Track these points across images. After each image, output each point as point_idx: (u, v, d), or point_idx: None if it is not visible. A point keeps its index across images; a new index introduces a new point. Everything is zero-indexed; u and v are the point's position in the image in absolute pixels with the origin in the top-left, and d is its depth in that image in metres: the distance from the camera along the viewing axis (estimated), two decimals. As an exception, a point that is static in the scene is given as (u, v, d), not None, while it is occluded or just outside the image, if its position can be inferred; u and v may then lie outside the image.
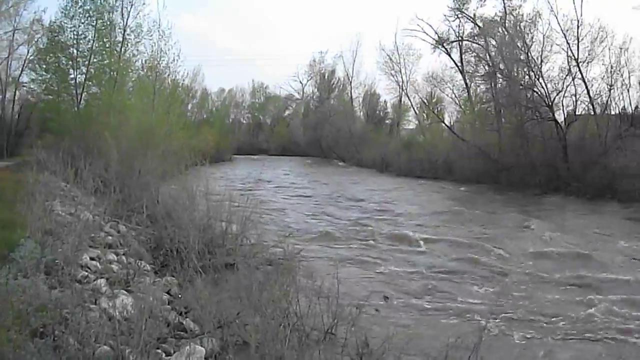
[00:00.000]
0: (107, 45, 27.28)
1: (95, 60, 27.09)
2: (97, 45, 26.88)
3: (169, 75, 31.63)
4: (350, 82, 63.90)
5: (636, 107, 29.81)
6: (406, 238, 16.35)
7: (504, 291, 11.12)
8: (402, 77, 52.32)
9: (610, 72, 30.37)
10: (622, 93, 30.33)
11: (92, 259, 9.16)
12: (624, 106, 30.37)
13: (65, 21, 26.94)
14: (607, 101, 30.74)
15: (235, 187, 15.28)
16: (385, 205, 24.32)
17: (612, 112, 30.73)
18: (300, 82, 71.60)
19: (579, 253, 14.66)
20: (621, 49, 29.91)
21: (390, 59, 52.44)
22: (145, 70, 30.28)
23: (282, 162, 52.64)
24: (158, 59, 29.78)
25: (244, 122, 76.38)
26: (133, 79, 29.41)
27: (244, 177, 25.87)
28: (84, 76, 27.02)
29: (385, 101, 63.60)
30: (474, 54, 40.19)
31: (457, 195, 29.08)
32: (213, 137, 47.24)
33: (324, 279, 8.09)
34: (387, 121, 62.58)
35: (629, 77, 29.87)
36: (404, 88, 52.63)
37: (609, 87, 30.59)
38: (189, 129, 34.02)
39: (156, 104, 27.91)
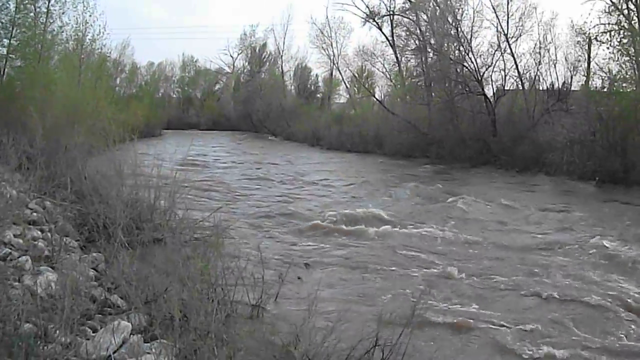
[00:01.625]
0: (30, 17, 25.49)
1: (18, 32, 25.30)
2: (19, 17, 25.06)
3: (95, 48, 30.08)
4: (281, 56, 62.95)
5: (563, 83, 29.98)
6: (333, 209, 16.12)
7: (430, 259, 11.27)
8: (333, 51, 51.90)
9: (538, 47, 30.53)
10: (549, 68, 30.56)
11: (15, 236, 8.48)
12: (552, 82, 30.61)
13: (-17, -8, 25.02)
14: (535, 76, 30.88)
15: (164, 162, 14.68)
16: (314, 178, 23.94)
17: (541, 88, 30.87)
18: (231, 56, 69.87)
19: (499, 220, 15.23)
20: (548, 25, 30.03)
21: (322, 33, 51.84)
22: (70, 43, 28.66)
23: (213, 136, 51.47)
24: (83, 32, 28.23)
25: (174, 96, 73.76)
26: (59, 52, 27.77)
27: (173, 152, 25.08)
28: (6, 49, 25.21)
29: (316, 75, 62.72)
30: (405, 28, 39.51)
31: (386, 169, 28.67)
32: (142, 112, 45.22)
33: (251, 252, 8.27)
34: (318, 95, 61.60)
35: (556, 53, 30.08)
36: (335, 62, 52.25)
37: (537, 62, 30.76)
38: (117, 103, 32.76)
39: (83, 78, 26.69)
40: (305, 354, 5.58)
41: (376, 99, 43.02)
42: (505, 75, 32.11)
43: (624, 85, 25.03)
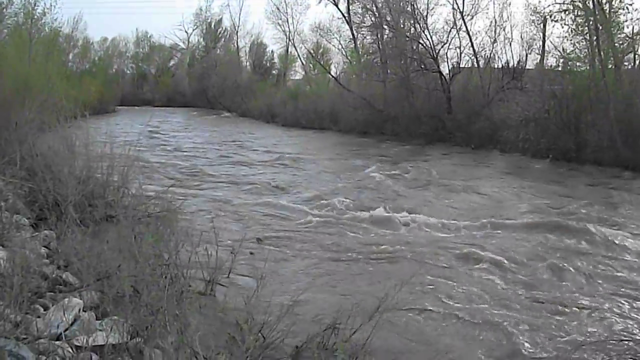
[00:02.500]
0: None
1: (-36, 6, 24.14)
2: (-35, -10, 23.89)
3: (46, 22, 28.98)
4: (237, 32, 61.91)
5: (518, 61, 29.93)
6: (287, 185, 16.45)
7: (388, 238, 11.11)
8: (289, 28, 51.00)
9: (494, 25, 30.41)
10: (504, 47, 30.53)
11: (-37, 214, 8.03)
12: (507, 60, 30.56)
13: None
14: (490, 54, 30.84)
15: (117, 138, 14.46)
16: (268, 154, 23.62)
17: (496, 66, 30.83)
18: (186, 32, 68.20)
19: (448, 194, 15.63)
20: (504, 3, 29.91)
21: (278, 9, 50.79)
22: (20, 17, 27.51)
23: (167, 113, 50.23)
24: (33, 5, 27.07)
25: (128, 72, 72.02)
26: (7, 26, 26.61)
27: (127, 129, 24.67)
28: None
29: (272, 51, 61.95)
30: (361, 4, 38.78)
31: (340, 145, 28.61)
32: (96, 88, 44.46)
33: (205, 228, 8.11)
34: (273, 71, 60.74)
35: (511, 32, 30.02)
36: (291, 38, 51.39)
37: (492, 40, 30.66)
38: (70, 79, 31.82)
39: (34, 53, 25.71)
40: (260, 332, 5.44)
41: (332, 75, 42.67)
42: (461, 53, 32.03)
43: (577, 64, 25.02)
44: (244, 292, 6.61)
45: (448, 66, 32.46)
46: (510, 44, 30.32)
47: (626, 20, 24.16)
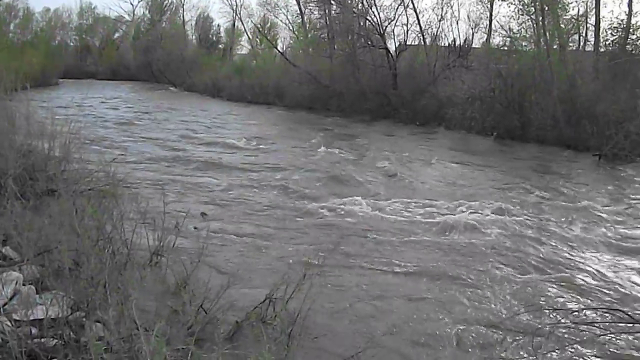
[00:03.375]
0: None
1: None
2: None
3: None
4: (183, 5, 60.58)
5: (465, 40, 29.80)
6: (231, 161, 16.04)
7: (333, 212, 11.01)
8: (236, 1, 50.09)
9: (441, 3, 30.24)
10: (451, 25, 30.36)
11: None
12: (454, 38, 30.56)
13: None
14: (437, 32, 30.65)
15: (59, 111, 14.57)
16: (212, 130, 23.00)
17: (442, 44, 30.88)
18: (131, 4, 66.03)
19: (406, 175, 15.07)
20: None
21: (225, -18, 49.69)
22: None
23: (112, 86, 48.49)
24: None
25: (72, 44, 69.22)
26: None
27: (69, 101, 23.74)
28: None
29: (218, 25, 60.59)
30: (309, -21, 38.08)
31: (284, 120, 28.25)
32: (38, 60, 42.06)
33: (148, 202, 7.89)
34: (220, 46, 59.40)
35: (459, 10, 29.84)
36: (237, 12, 50.60)
37: (439, 18, 30.46)
38: (10, 50, 30.21)
39: None
40: (201, 306, 5.41)
41: (278, 50, 41.89)
42: (408, 30, 31.94)
43: (523, 44, 25.05)
44: (186, 265, 6.43)
45: (395, 43, 32.38)
46: (457, 23, 30.21)
47: (572, 2, 24.45)
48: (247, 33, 50.10)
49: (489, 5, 28.95)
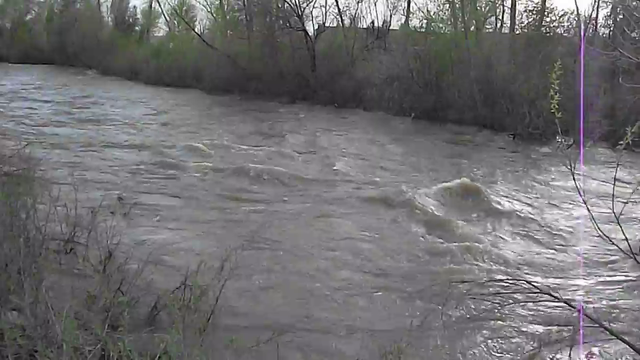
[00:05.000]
0: None
1: None
2: None
3: None
4: (98, -15, 57.35)
5: (383, 22, 29.47)
6: (147, 143, 15.44)
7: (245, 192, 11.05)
8: (152, -18, 48.12)
9: None
10: (369, 7, 30.19)
11: None
12: (372, 20, 30.61)
13: None
14: (355, 14, 30.27)
15: None
16: (128, 113, 22.03)
17: (361, 26, 30.90)
18: (43, -16, 62.95)
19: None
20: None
21: (140, -39, 47.85)
22: None
23: (24, 70, 45.90)
24: None
25: (-20, 26, 65.89)
26: None
27: None
28: None
29: (134, 7, 57.70)
30: (227, -40, 36.85)
31: (201, 103, 27.57)
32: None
33: (63, 188, 7.56)
34: (137, 28, 56.99)
35: None
36: (155, -7, 48.48)
37: (357, 0, 30.45)
38: None
39: None
40: (119, 289, 5.28)
41: (196, 32, 40.37)
42: (326, 12, 31.58)
43: (440, 26, 25.14)
44: (103, 250, 6.25)
45: (313, 25, 31.81)
46: (375, 4, 29.83)
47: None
48: (164, 15, 48.28)
49: (407, -12, 28.68)
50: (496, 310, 5.88)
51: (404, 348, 3.98)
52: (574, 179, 3.85)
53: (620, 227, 3.84)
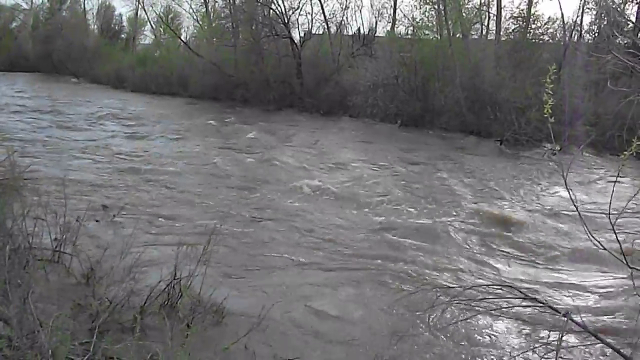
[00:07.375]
0: None
1: None
2: None
3: None
4: (84, -7, 56.89)
5: (369, 29, 29.45)
6: (132, 151, 15.39)
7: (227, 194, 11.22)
8: (138, -10, 47.81)
9: None
10: (355, 14, 29.97)
11: None
12: (358, 27, 30.28)
13: None
14: (341, 21, 30.28)
15: None
16: (114, 122, 21.56)
17: (347, 33, 30.86)
18: (29, -8, 62.32)
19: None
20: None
21: (126, -31, 47.61)
22: None
23: (9, 78, 45.40)
24: None
25: (-35, 34, 65.18)
26: None
27: None
28: None
29: (120, 14, 57.61)
30: (213, -33, 36.68)
31: (187, 111, 26.91)
32: None
33: (51, 195, 7.78)
34: (122, 36, 56.72)
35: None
36: (140, 1, 48.30)
37: (343, 7, 30.87)
38: None
39: None
40: (104, 296, 5.27)
41: (182, 40, 40.28)
42: (312, 19, 31.38)
43: (426, 32, 24.94)
44: (90, 258, 6.29)
45: (299, 32, 31.64)
46: (361, 12, 29.81)
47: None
48: (150, 22, 48.02)
49: (393, -6, 28.65)
50: (481, 316, 5.91)
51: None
52: (565, 183, 3.75)
53: (614, 231, 3.75)
